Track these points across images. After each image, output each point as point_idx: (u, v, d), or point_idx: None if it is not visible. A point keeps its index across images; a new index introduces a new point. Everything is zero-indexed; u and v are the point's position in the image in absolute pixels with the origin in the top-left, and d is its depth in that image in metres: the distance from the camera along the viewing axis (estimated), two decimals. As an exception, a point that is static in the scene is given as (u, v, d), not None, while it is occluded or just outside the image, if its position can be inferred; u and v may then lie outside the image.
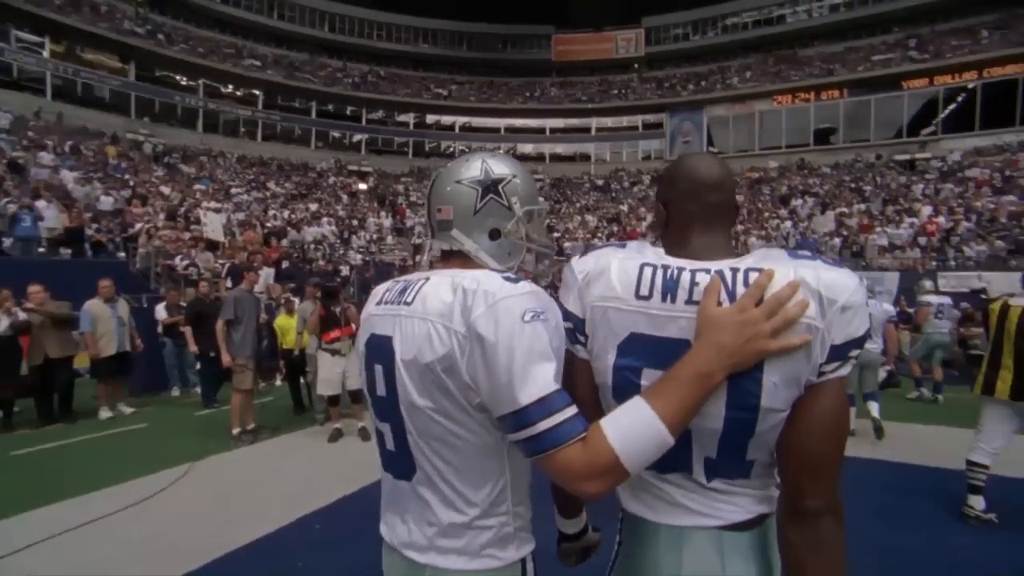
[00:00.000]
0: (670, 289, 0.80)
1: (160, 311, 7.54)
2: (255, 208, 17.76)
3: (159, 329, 7.49)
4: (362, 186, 25.48)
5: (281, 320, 6.63)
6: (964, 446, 3.28)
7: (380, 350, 0.92)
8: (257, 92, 27.28)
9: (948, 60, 22.65)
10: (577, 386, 0.87)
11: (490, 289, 0.81)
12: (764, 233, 16.80)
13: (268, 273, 10.19)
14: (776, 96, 26.09)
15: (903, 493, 3.57)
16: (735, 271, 0.79)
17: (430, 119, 30.81)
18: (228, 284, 8.51)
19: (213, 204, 15.46)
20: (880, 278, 11.63)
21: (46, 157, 13.88)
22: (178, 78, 25.41)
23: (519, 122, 30.80)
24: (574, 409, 0.77)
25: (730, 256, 0.84)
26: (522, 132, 30.76)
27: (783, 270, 0.76)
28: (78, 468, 4.28)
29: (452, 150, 30.62)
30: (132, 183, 15.37)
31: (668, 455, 0.77)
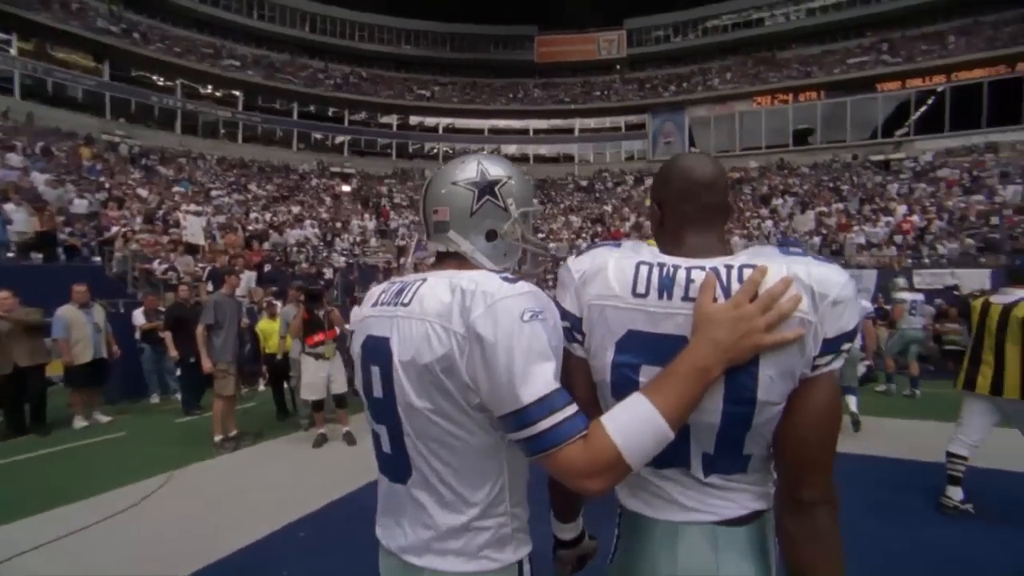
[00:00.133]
0: (666, 286, 0.82)
1: (138, 316, 7.35)
2: (236, 211, 17.44)
3: (137, 335, 7.30)
4: (345, 188, 25.21)
5: (263, 324, 6.53)
6: (941, 439, 3.37)
7: (377, 352, 0.91)
8: (237, 93, 26.80)
9: (918, 64, 23.34)
10: (575, 385, 0.88)
11: (488, 289, 0.81)
12: (746, 232, 17.06)
13: (250, 277, 10.03)
14: (756, 97, 26.56)
15: (883, 486, 3.64)
16: (729, 268, 0.80)
17: (413, 120, 30.64)
18: (209, 288, 8.35)
19: (193, 207, 15.14)
20: (859, 276, 11.88)
21: (15, 158, 13.41)
22: (155, 78, 24.82)
23: (502, 123, 30.82)
24: (575, 407, 0.78)
25: (723, 254, 0.85)
26: (506, 133, 30.78)
27: (776, 266, 0.78)
28: (51, 480, 4.13)
29: (436, 151, 30.52)
30: (108, 185, 14.97)
31: (666, 450, 0.78)
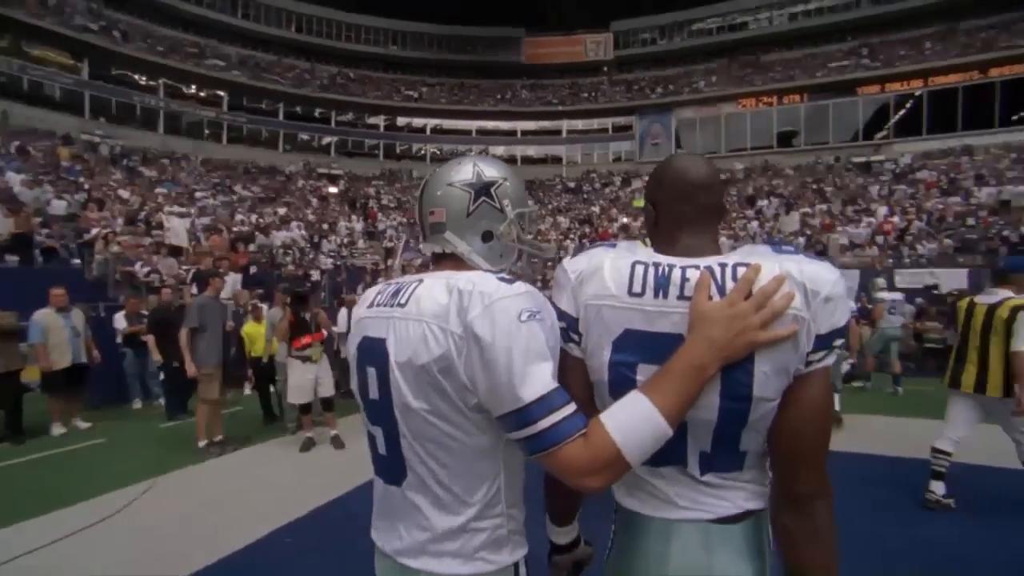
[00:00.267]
0: (662, 286, 0.83)
1: (119, 320, 7.19)
2: (221, 212, 17.17)
3: (118, 339, 7.14)
4: (332, 189, 24.97)
5: (249, 327, 6.44)
6: (926, 436, 3.44)
7: (373, 353, 0.91)
8: (222, 93, 26.38)
9: (897, 68, 23.88)
10: (571, 385, 0.88)
11: (486, 290, 0.81)
12: (732, 233, 17.26)
13: (235, 279, 9.86)
14: (741, 100, 26.92)
15: (871, 484, 3.69)
16: (723, 267, 0.82)
17: (401, 121, 30.49)
18: (193, 291, 8.21)
19: (177, 208, 14.89)
20: (843, 276, 12.08)
21: (-10, 159, 13.09)
22: (137, 77, 24.36)
23: (490, 124, 30.82)
24: (573, 406, 0.79)
25: (717, 253, 0.87)
26: (493, 134, 30.78)
27: (769, 265, 0.80)
28: (26, 489, 4.00)
29: (423, 153, 30.41)
30: (87, 186, 14.64)
31: (663, 449, 0.79)
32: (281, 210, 19.70)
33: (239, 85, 26.48)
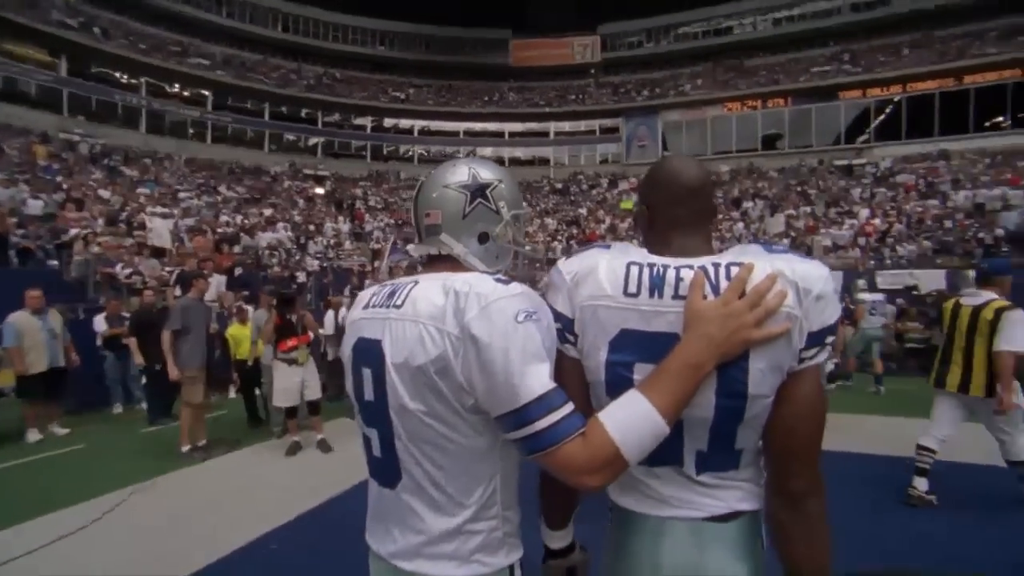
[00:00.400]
0: (657, 285, 0.84)
1: (99, 322, 7.02)
2: (205, 213, 16.90)
3: (99, 342, 6.97)
4: (319, 190, 24.72)
5: (234, 330, 6.33)
6: (908, 434, 3.50)
7: (368, 354, 0.91)
8: (206, 92, 26.01)
9: (877, 74, 24.44)
10: (568, 385, 0.88)
11: (483, 291, 0.81)
12: (718, 234, 17.47)
13: (220, 280, 9.70)
14: (726, 103, 27.29)
15: (859, 481, 3.74)
16: (717, 266, 0.83)
17: (388, 122, 30.33)
18: (177, 292, 8.05)
19: (159, 209, 14.62)
20: (827, 277, 12.30)
21: (-37, 157, 12.72)
22: (118, 75, 23.89)
23: (478, 126, 30.81)
24: (571, 406, 0.79)
25: (709, 254, 0.88)
26: (481, 136, 30.77)
27: (761, 264, 0.81)
28: None
29: (411, 154, 30.29)
30: (66, 186, 14.30)
31: (660, 448, 0.79)
32: (267, 211, 19.47)
33: (224, 85, 26.12)
